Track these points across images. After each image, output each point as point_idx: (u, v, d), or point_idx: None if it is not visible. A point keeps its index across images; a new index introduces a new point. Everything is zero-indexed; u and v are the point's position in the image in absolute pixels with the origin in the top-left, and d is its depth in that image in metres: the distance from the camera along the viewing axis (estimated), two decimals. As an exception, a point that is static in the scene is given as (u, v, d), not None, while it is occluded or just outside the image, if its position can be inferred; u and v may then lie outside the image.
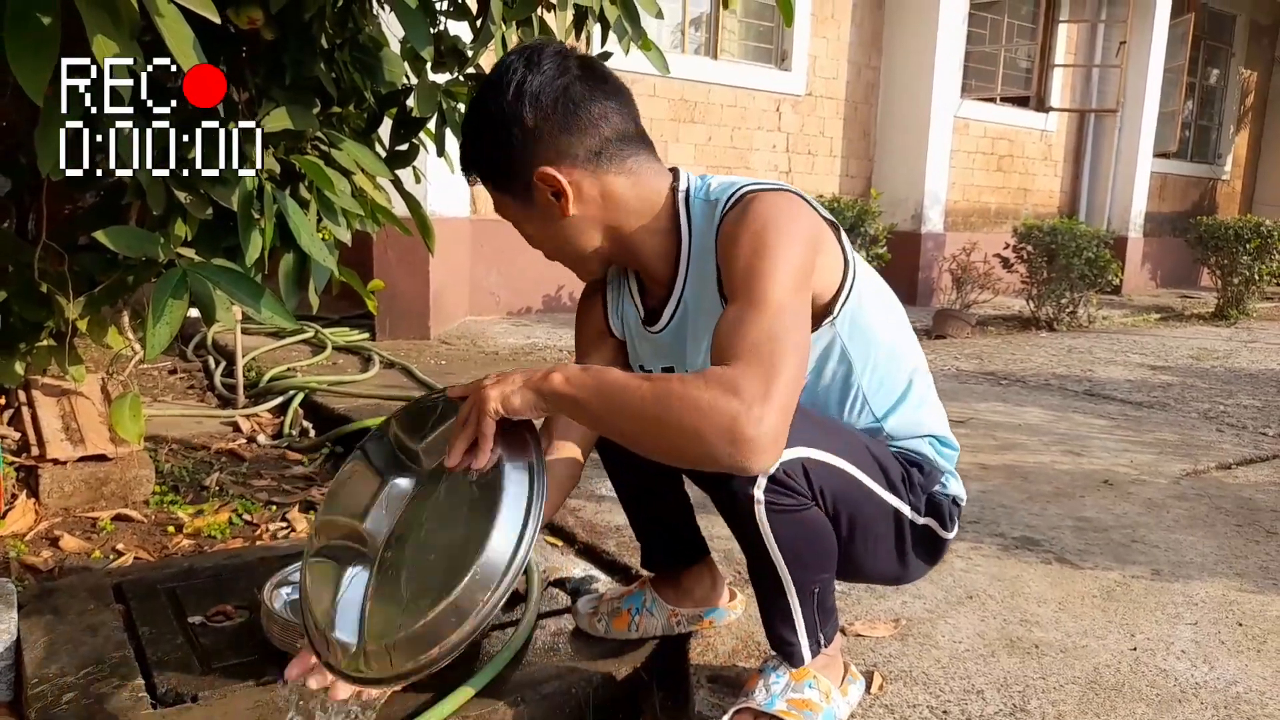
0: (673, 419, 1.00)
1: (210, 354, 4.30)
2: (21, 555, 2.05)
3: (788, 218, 1.16)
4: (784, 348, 1.05)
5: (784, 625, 1.31)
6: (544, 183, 1.20)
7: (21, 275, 1.78)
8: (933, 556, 1.43)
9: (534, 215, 1.25)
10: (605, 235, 1.27)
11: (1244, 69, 11.47)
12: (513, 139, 1.18)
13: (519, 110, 1.17)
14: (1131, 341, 6.32)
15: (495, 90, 1.19)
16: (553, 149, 1.19)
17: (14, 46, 1.11)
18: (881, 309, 1.36)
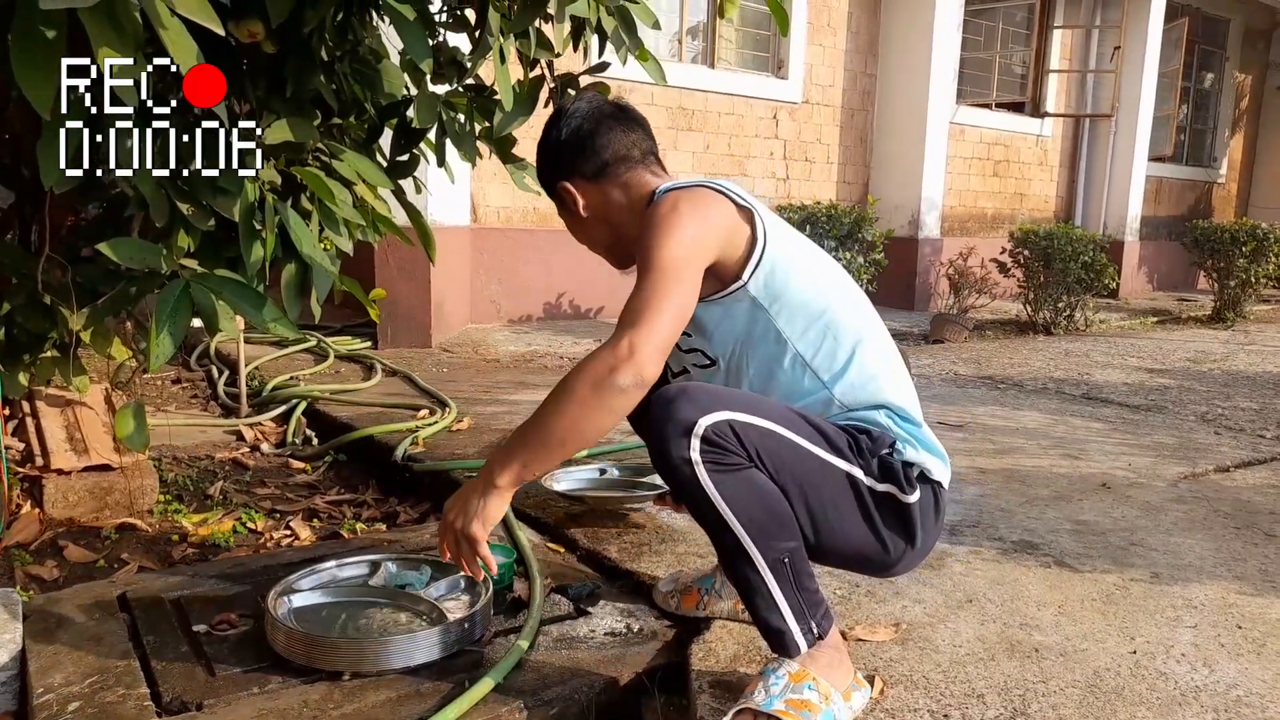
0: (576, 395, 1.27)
1: (213, 363, 4.31)
2: (26, 565, 2.05)
3: (680, 209, 1.40)
4: (658, 300, 1.31)
5: (768, 609, 1.32)
6: (564, 193, 1.58)
7: (25, 287, 1.80)
8: (907, 530, 1.42)
9: (566, 215, 1.63)
10: (610, 230, 1.60)
11: (1238, 73, 11.51)
12: (551, 156, 1.59)
13: (550, 144, 1.58)
14: (1128, 345, 6.34)
15: (546, 127, 1.59)
16: (567, 169, 1.58)
17: (20, 60, 1.12)
18: (811, 283, 1.47)
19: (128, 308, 1.86)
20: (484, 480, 1.33)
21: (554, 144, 1.57)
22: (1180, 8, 9.89)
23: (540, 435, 1.29)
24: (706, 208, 1.43)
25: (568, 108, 1.59)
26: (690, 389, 1.30)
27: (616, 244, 1.61)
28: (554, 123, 1.58)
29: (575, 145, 1.57)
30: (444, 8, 1.90)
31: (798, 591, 1.33)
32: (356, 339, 5.00)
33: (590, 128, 1.56)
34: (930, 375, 4.83)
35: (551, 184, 1.60)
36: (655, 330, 1.29)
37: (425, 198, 4.67)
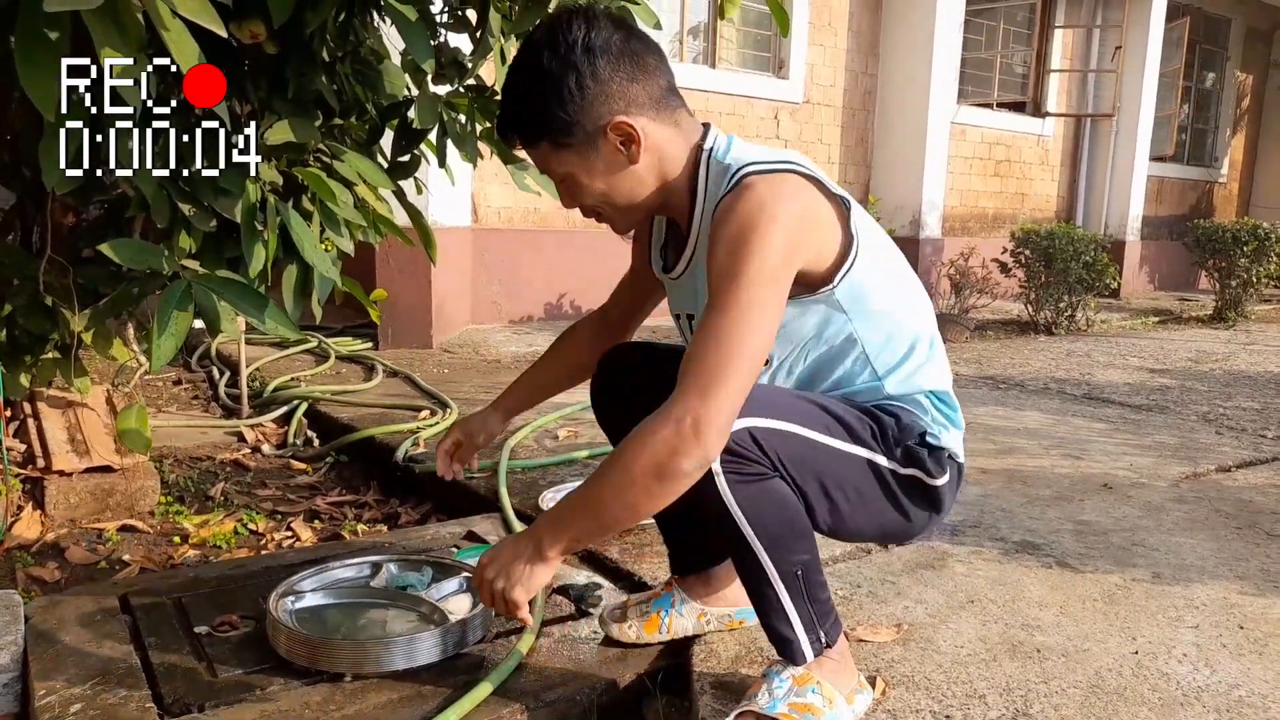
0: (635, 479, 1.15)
1: (214, 365, 4.31)
2: (28, 567, 2.05)
3: (769, 214, 1.20)
4: (737, 353, 1.15)
5: (778, 618, 1.31)
6: (617, 131, 1.24)
7: (27, 288, 1.80)
8: (933, 504, 1.41)
9: (596, 166, 1.27)
10: (658, 183, 1.32)
11: (1240, 72, 11.51)
12: (584, 90, 1.22)
13: (590, 62, 1.22)
14: (1130, 345, 6.33)
15: (553, 48, 1.22)
16: (623, 98, 1.24)
17: (24, 61, 1.12)
18: (889, 280, 1.39)
19: (129, 309, 1.86)
20: (534, 548, 1.24)
21: (594, 65, 1.21)
22: (1181, 7, 9.88)
23: (595, 513, 1.20)
24: (802, 209, 1.23)
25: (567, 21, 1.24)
26: None
27: (661, 204, 1.35)
28: (572, 40, 1.22)
29: (631, 60, 1.24)
30: (445, 8, 1.90)
31: (809, 603, 1.31)
32: (357, 340, 5.00)
33: (638, 40, 1.26)
34: (931, 375, 4.82)
35: (585, 122, 1.23)
36: (727, 399, 1.14)
37: (426, 198, 4.67)
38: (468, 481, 2.57)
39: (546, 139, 1.26)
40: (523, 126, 1.27)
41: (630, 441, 1.16)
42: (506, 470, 2.58)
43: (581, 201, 1.33)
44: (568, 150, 1.26)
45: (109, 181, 1.82)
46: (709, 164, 1.33)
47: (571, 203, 1.35)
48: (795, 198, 1.23)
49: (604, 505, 1.19)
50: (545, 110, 1.23)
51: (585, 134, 1.24)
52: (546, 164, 1.30)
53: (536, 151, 1.29)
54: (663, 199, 1.34)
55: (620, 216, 1.35)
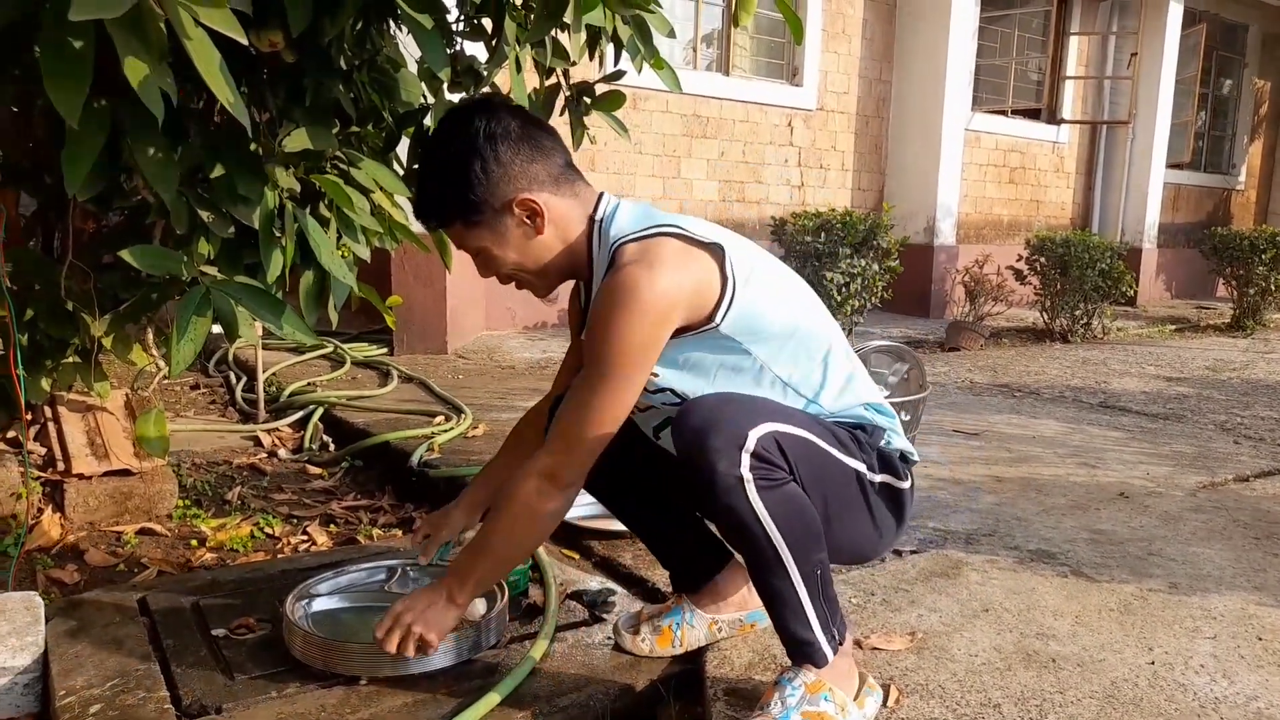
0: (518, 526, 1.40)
1: (231, 369, 4.34)
2: (48, 569, 2.08)
3: (635, 299, 1.29)
4: (599, 412, 1.32)
5: (798, 623, 1.32)
6: (521, 207, 1.38)
7: (48, 293, 1.82)
8: (899, 513, 1.49)
9: (506, 239, 1.41)
10: (563, 247, 1.44)
11: (1257, 79, 11.42)
12: (489, 174, 1.36)
13: (492, 148, 1.36)
14: (1146, 353, 6.29)
15: (459, 137, 1.38)
16: (524, 177, 1.38)
17: (50, 70, 1.14)
18: (780, 305, 1.43)
19: (149, 314, 1.88)
20: (445, 596, 1.44)
21: (496, 150, 1.35)
22: (1198, 14, 9.82)
23: (491, 559, 1.43)
24: (673, 274, 1.31)
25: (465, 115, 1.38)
26: (731, 399, 1.32)
27: (568, 269, 1.46)
28: (473, 131, 1.36)
29: (529, 143, 1.38)
30: (461, 17, 1.91)
31: (824, 601, 1.34)
32: (373, 345, 5.03)
33: (534, 125, 1.41)
34: (946, 383, 4.81)
35: (492, 201, 1.37)
36: (585, 452, 1.34)
37: (441, 205, 4.68)
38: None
39: (459, 219, 1.40)
40: (437, 210, 1.42)
41: (506, 496, 1.39)
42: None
43: (498, 270, 1.45)
44: (479, 227, 1.40)
45: (129, 188, 1.84)
46: (599, 234, 1.44)
47: (488, 273, 1.47)
48: (668, 261, 1.32)
49: (496, 551, 1.42)
50: (456, 194, 1.38)
51: (493, 211, 1.38)
52: (462, 241, 1.43)
53: (452, 231, 1.42)
54: (570, 261, 1.46)
55: (537, 280, 1.47)
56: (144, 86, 1.12)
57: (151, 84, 1.13)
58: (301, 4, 1.41)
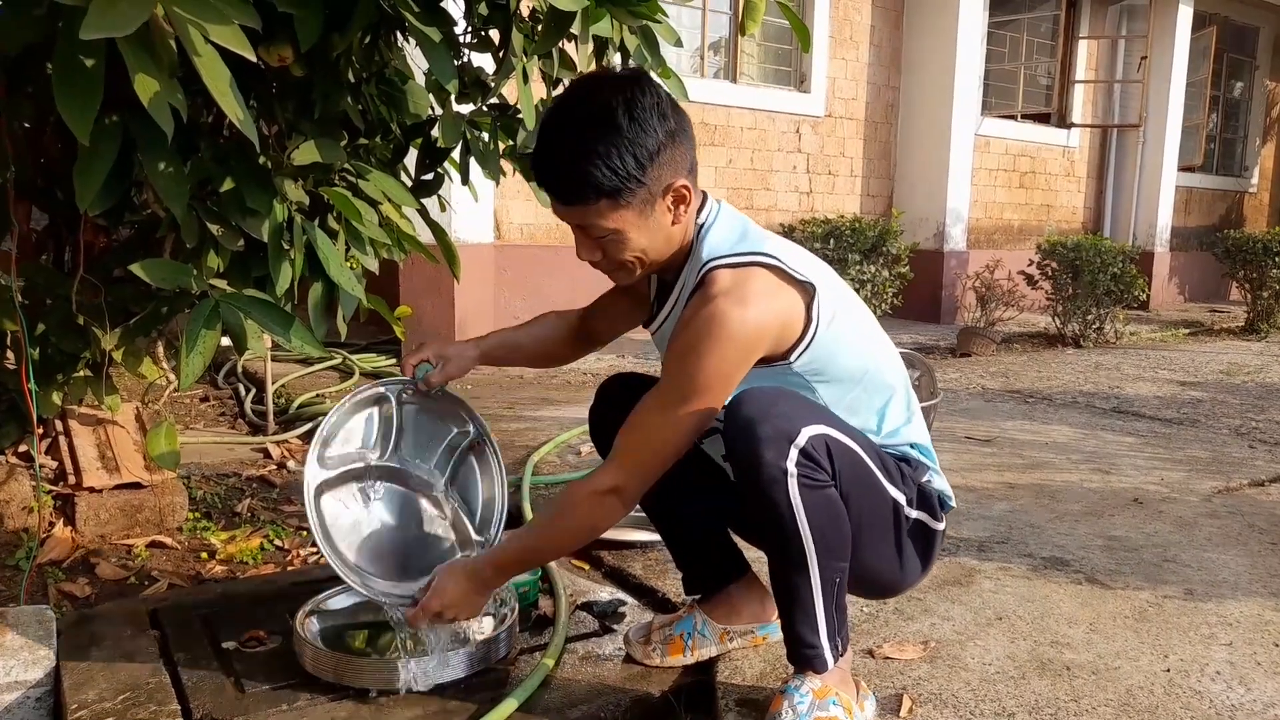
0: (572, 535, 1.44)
1: (240, 381, 4.36)
2: (59, 583, 2.08)
3: (724, 329, 1.27)
4: (674, 432, 1.31)
5: (806, 625, 1.33)
6: (674, 194, 1.32)
7: (59, 307, 1.83)
8: (927, 555, 1.48)
9: (645, 225, 1.33)
10: (681, 243, 1.40)
11: (1268, 81, 11.36)
12: (658, 155, 1.28)
13: (663, 124, 1.28)
14: (1160, 357, 6.25)
15: (633, 108, 1.26)
16: (683, 163, 1.32)
17: (62, 87, 1.15)
18: (855, 352, 1.42)
19: (159, 327, 1.89)
20: (480, 583, 1.46)
21: (658, 128, 1.27)
22: (1208, 16, 9.79)
23: (534, 557, 1.51)
24: (763, 309, 1.30)
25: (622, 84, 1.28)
26: (787, 394, 1.32)
27: (673, 263, 1.42)
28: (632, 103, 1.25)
29: (682, 128, 1.31)
30: (468, 29, 1.92)
31: (836, 611, 1.34)
32: (381, 356, 5.04)
33: (675, 104, 1.32)
34: (958, 389, 4.79)
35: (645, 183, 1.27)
36: (651, 473, 1.35)
37: (449, 216, 4.70)
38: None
39: (608, 198, 1.28)
40: (590, 176, 1.26)
41: (566, 504, 1.40)
42: (530, 485, 2.58)
43: (617, 256, 1.36)
44: (626, 209, 1.30)
45: (140, 202, 1.85)
46: (701, 239, 1.40)
47: (595, 254, 1.37)
48: (761, 294, 1.30)
49: (541, 552, 1.48)
50: (621, 166, 1.26)
51: (648, 194, 1.30)
52: (594, 219, 1.30)
53: (591, 209, 1.29)
54: (677, 257, 1.42)
55: (641, 271, 1.40)
56: (154, 103, 1.13)
57: (161, 100, 1.14)
58: (310, 19, 1.42)
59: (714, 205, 1.42)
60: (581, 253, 1.38)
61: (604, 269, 1.40)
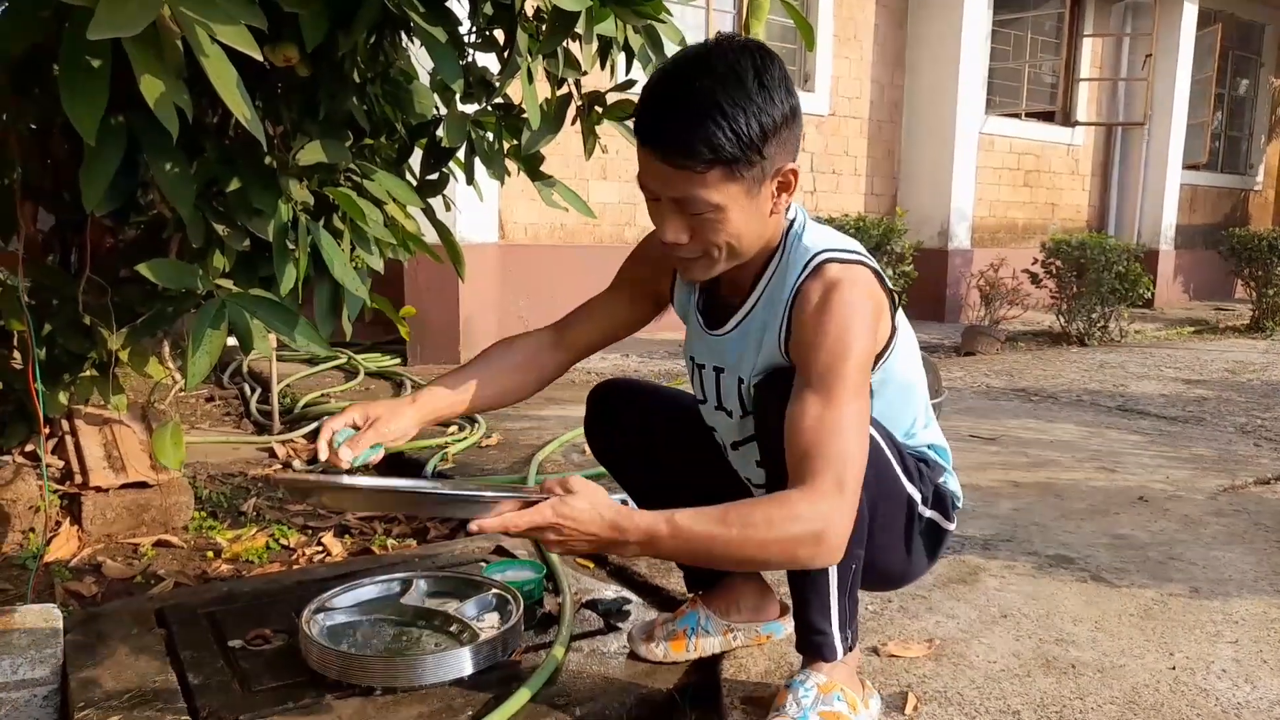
0: (769, 554, 1.16)
1: (246, 381, 4.37)
2: (66, 582, 2.09)
3: (862, 312, 1.26)
4: (855, 454, 1.19)
5: (819, 613, 1.33)
6: (783, 178, 1.24)
7: (66, 308, 1.84)
8: (934, 554, 1.49)
9: (750, 206, 1.23)
10: (768, 239, 1.33)
11: (1274, 78, 11.32)
12: (781, 132, 1.20)
13: (789, 100, 1.21)
14: (1165, 355, 6.24)
15: (767, 73, 1.18)
16: (792, 143, 1.24)
17: (68, 88, 1.15)
18: (909, 365, 1.44)
19: (165, 327, 1.90)
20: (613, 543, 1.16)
21: (787, 104, 1.20)
22: (1213, 14, 9.76)
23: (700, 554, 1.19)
24: (874, 308, 1.28)
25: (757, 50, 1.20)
26: None
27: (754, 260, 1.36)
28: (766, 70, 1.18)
29: (799, 112, 1.24)
30: (473, 29, 1.92)
31: (848, 600, 1.34)
32: (386, 356, 5.05)
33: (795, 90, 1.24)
34: (962, 388, 4.78)
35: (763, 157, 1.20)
36: (854, 502, 1.18)
37: (454, 216, 4.71)
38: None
39: (724, 165, 1.18)
40: (712, 138, 1.16)
41: (775, 518, 1.14)
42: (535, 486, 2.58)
43: (711, 238, 1.25)
44: (737, 183, 1.20)
45: (146, 203, 1.86)
46: (789, 241, 1.35)
47: (683, 236, 1.25)
48: (872, 296, 1.29)
49: (714, 554, 1.17)
50: (748, 134, 1.17)
51: (761, 173, 1.21)
52: (699, 190, 1.20)
53: (698, 176, 1.18)
54: (760, 254, 1.35)
55: (722, 264, 1.30)
56: (160, 104, 1.14)
57: (167, 101, 1.14)
58: (316, 20, 1.42)
59: (796, 207, 1.38)
60: (667, 232, 1.25)
61: (683, 255, 1.28)
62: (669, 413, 1.62)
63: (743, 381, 1.41)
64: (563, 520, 1.12)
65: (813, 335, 1.25)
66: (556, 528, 1.13)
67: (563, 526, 1.12)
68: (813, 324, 1.26)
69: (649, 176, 1.24)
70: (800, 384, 1.24)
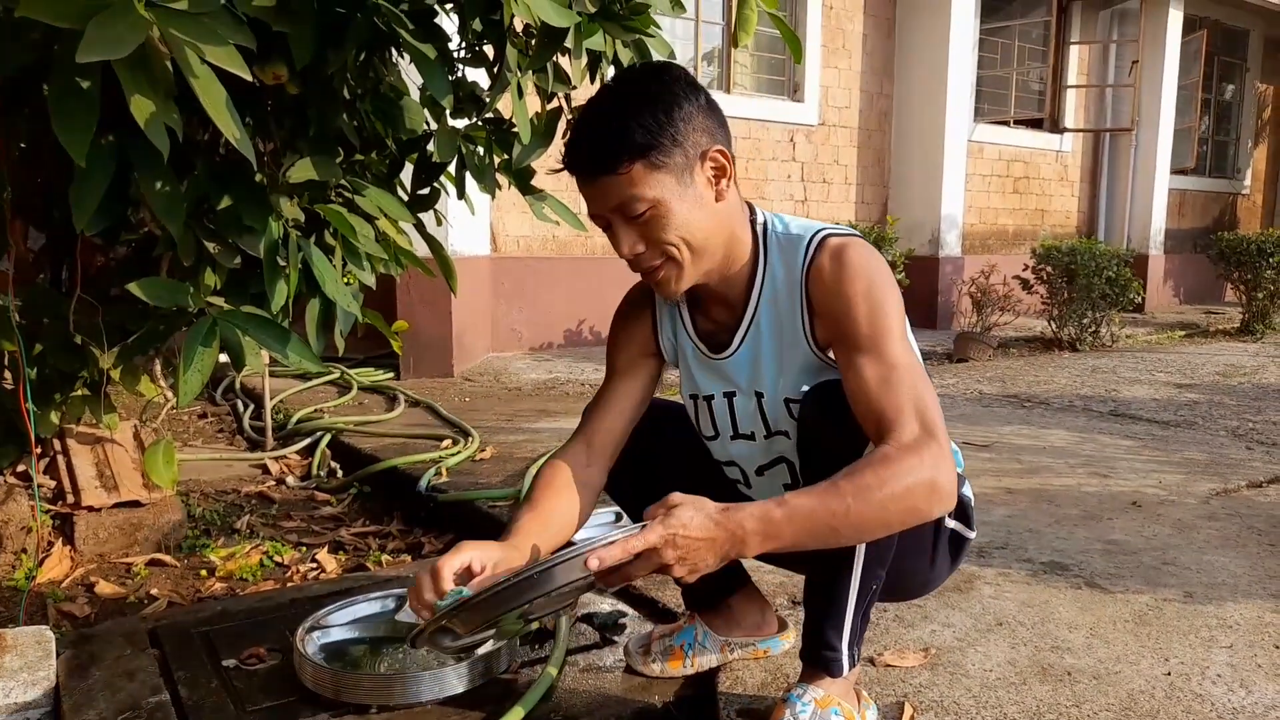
0: (890, 514, 1.12)
1: (239, 397, 4.36)
2: (58, 602, 2.08)
3: (883, 268, 1.28)
4: (929, 396, 1.19)
5: (833, 629, 1.32)
6: (712, 161, 1.27)
7: (57, 327, 1.83)
8: (954, 563, 1.48)
9: (686, 194, 1.25)
10: (726, 235, 1.33)
11: (1259, 83, 11.43)
12: (690, 117, 1.24)
13: (695, 96, 1.26)
14: (1156, 360, 6.27)
15: (662, 76, 1.26)
16: (711, 129, 1.27)
17: (58, 110, 1.16)
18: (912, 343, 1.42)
19: (156, 346, 1.89)
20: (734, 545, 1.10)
21: (696, 97, 1.26)
22: (1198, 20, 9.85)
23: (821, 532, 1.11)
24: (888, 267, 1.31)
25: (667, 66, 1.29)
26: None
27: (720, 264, 1.34)
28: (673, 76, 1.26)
29: (715, 109, 1.29)
30: (463, 45, 1.93)
31: (862, 619, 1.34)
32: (379, 370, 5.04)
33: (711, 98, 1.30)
34: (955, 395, 4.79)
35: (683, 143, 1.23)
36: (947, 437, 1.18)
37: (446, 229, 4.70)
38: (490, 510, 2.58)
39: (644, 158, 1.21)
40: (622, 139, 1.21)
41: (885, 475, 1.11)
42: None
43: (660, 236, 1.26)
44: (663, 171, 1.23)
45: (136, 221, 1.86)
46: (768, 235, 1.37)
47: (637, 244, 1.27)
48: (883, 261, 1.31)
49: (836, 527, 1.11)
50: (651, 124, 1.21)
51: (684, 156, 1.24)
52: (633, 190, 1.23)
53: (624, 177, 1.22)
54: (725, 256, 1.34)
55: (690, 262, 1.29)
56: (150, 123, 1.14)
57: (157, 121, 1.14)
58: (305, 38, 1.43)
59: (761, 210, 1.40)
60: (623, 246, 1.27)
61: (648, 266, 1.29)
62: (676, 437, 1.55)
63: (762, 396, 1.38)
64: (674, 532, 1.08)
65: (844, 303, 1.26)
66: (672, 542, 1.08)
67: (677, 538, 1.08)
68: (839, 291, 1.27)
69: (590, 202, 1.28)
70: (848, 354, 1.24)
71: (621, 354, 1.52)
